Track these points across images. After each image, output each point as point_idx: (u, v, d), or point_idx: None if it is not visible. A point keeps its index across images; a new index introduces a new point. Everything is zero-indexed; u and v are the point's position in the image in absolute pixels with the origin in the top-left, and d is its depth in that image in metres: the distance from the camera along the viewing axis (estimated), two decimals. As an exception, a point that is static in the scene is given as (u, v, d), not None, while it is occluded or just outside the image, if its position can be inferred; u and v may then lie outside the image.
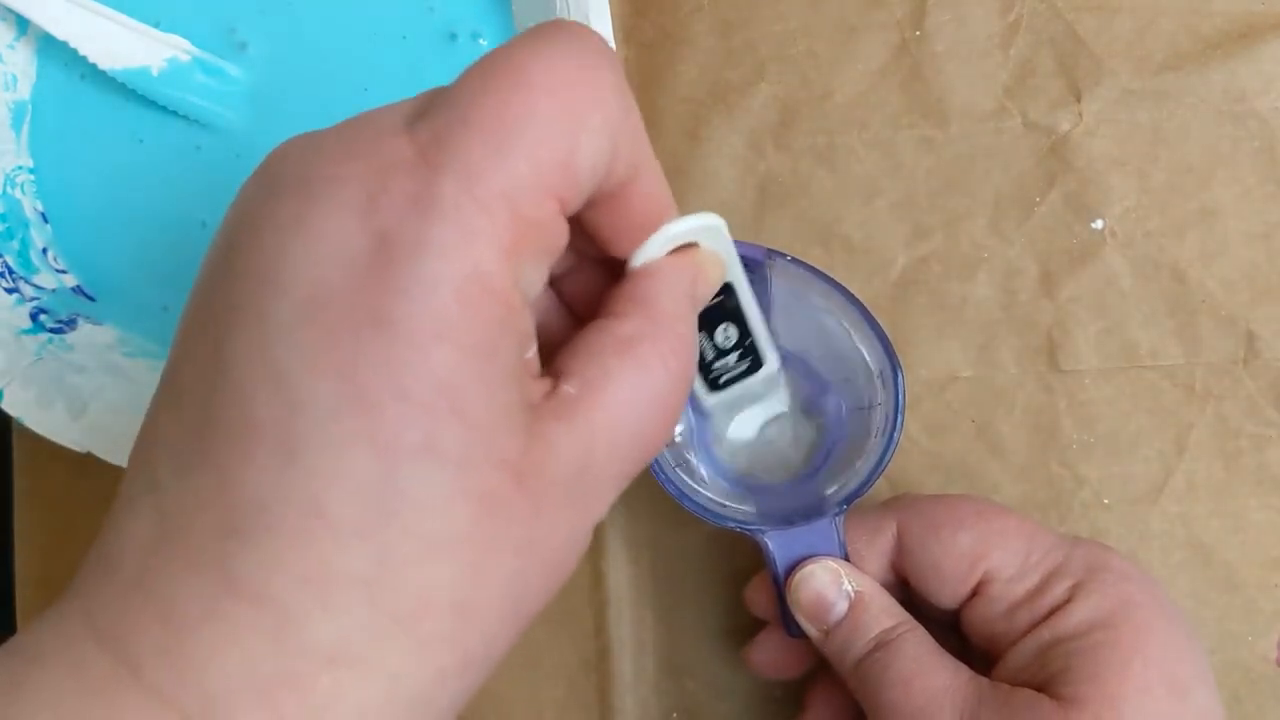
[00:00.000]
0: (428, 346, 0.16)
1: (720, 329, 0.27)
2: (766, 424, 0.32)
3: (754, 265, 0.29)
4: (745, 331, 0.27)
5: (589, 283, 0.22)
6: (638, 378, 0.19)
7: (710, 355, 0.27)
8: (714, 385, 0.28)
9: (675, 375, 0.19)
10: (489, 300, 0.16)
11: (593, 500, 0.18)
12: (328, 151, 0.17)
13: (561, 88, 0.17)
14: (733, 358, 0.28)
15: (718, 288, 0.23)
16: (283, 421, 0.15)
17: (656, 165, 0.20)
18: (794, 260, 0.28)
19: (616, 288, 0.20)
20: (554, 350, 0.19)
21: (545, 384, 0.18)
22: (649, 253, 0.21)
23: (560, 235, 0.18)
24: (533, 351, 0.18)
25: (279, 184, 0.17)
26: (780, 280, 0.30)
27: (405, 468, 0.15)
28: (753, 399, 0.31)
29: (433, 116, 0.17)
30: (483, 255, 0.16)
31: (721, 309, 0.26)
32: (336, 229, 0.16)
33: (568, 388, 0.18)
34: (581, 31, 0.18)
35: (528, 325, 0.18)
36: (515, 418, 0.17)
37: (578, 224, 0.19)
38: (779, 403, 0.31)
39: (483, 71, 0.17)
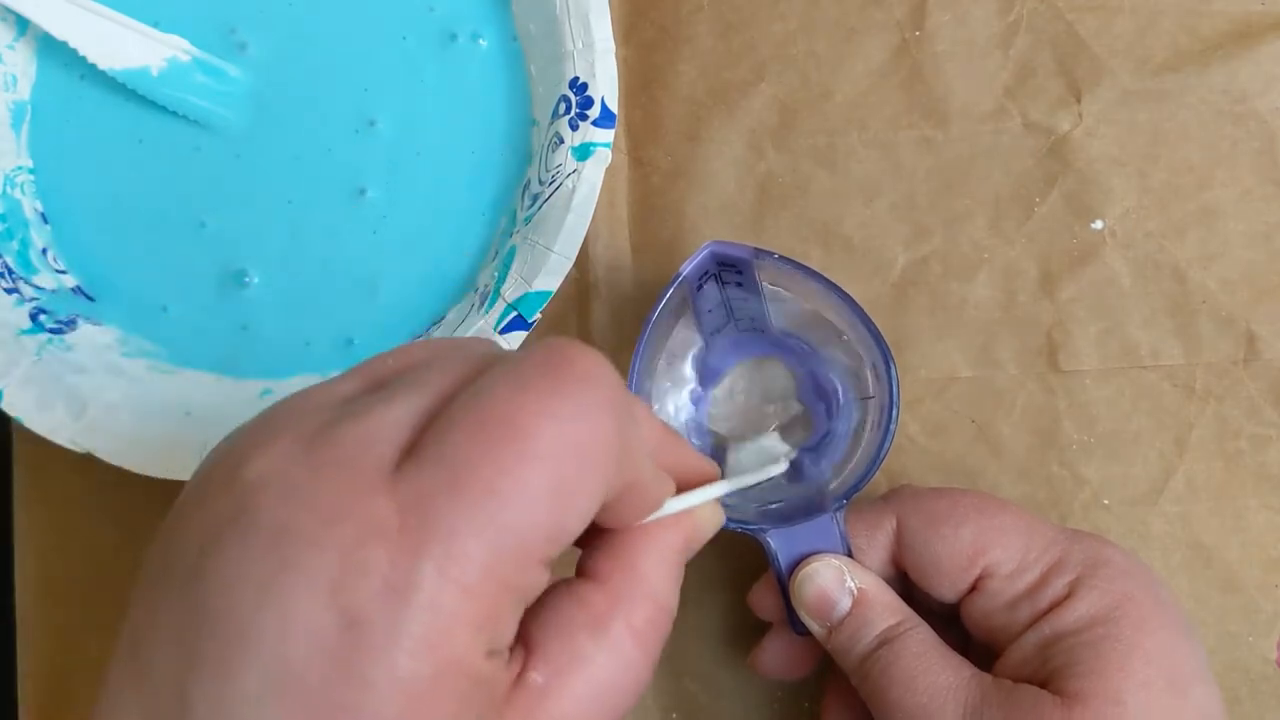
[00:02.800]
0: None
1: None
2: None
3: (742, 265, 0.29)
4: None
5: None
6: (609, 660, 0.19)
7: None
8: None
9: (648, 648, 0.19)
10: (459, 680, 0.16)
11: None
12: (307, 500, 0.16)
13: (564, 455, 0.17)
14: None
15: (715, 532, 0.23)
16: None
17: (649, 464, 0.20)
18: (781, 258, 0.28)
19: (601, 538, 0.20)
20: None
21: (513, 669, 0.18)
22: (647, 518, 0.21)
23: (542, 582, 0.18)
24: (504, 645, 0.18)
25: (252, 524, 0.16)
26: (769, 278, 0.30)
27: None
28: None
29: (422, 473, 0.16)
30: (457, 640, 0.16)
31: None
32: (308, 607, 0.15)
33: (535, 676, 0.18)
34: (591, 371, 0.17)
35: (495, 667, 0.17)
36: None
37: None
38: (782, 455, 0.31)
39: (481, 423, 0.17)
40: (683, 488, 0.22)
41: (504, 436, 0.16)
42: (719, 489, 0.23)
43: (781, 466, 0.30)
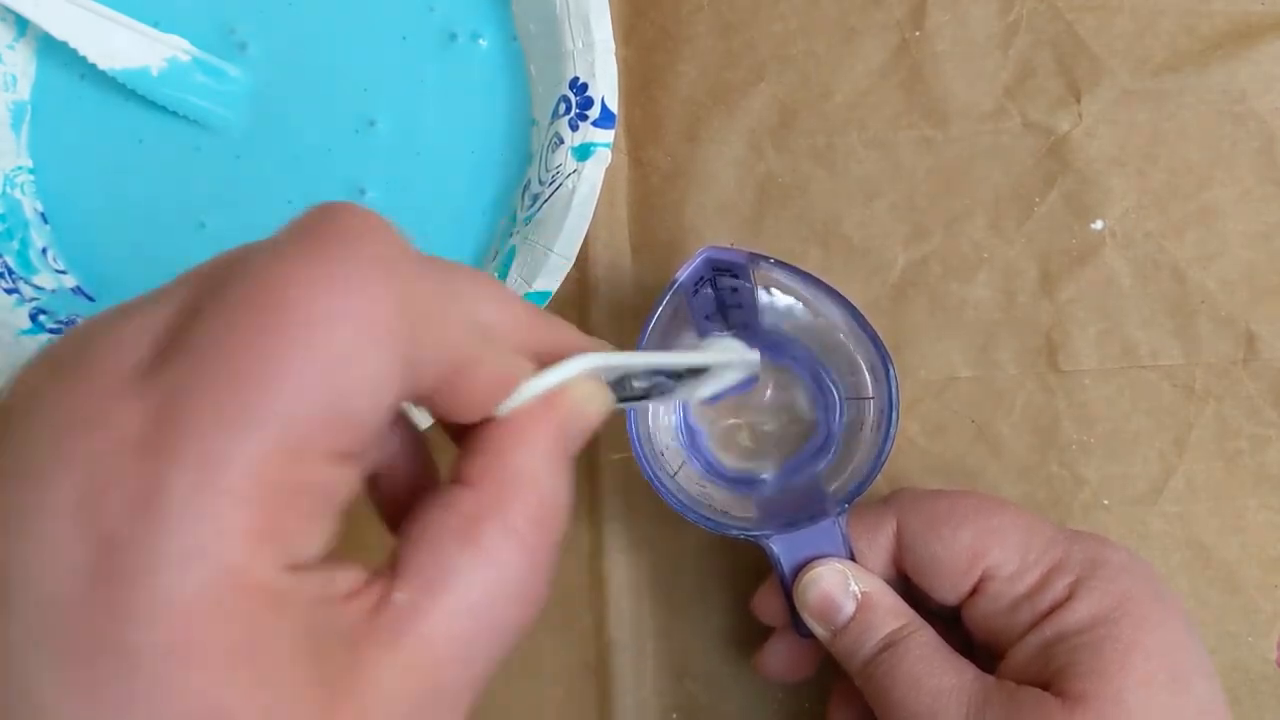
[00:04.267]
0: (175, 675, 0.13)
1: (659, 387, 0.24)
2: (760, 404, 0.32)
3: (737, 270, 0.29)
4: (678, 374, 0.24)
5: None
6: (486, 569, 0.16)
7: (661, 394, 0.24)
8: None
9: (532, 550, 0.17)
10: (248, 600, 0.14)
11: (449, 711, 0.16)
12: (53, 415, 0.14)
13: (325, 323, 0.14)
14: (682, 384, 0.25)
15: (601, 418, 0.20)
16: None
17: (479, 338, 0.17)
18: (777, 262, 0.28)
19: (466, 441, 0.18)
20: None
21: (371, 596, 0.16)
22: (508, 406, 0.18)
23: (345, 480, 0.16)
24: (345, 575, 0.16)
25: (5, 455, 0.14)
26: (766, 282, 0.30)
27: None
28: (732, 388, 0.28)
29: (168, 367, 0.14)
30: (229, 553, 0.14)
31: (649, 393, 0.23)
32: (59, 532, 0.14)
33: (399, 596, 0.16)
34: (356, 230, 0.15)
35: (313, 585, 0.15)
36: (316, 701, 0.14)
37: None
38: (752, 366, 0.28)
39: (228, 304, 0.14)
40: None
41: (254, 315, 0.14)
42: (588, 361, 0.19)
43: (701, 357, 0.25)
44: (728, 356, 0.26)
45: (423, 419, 0.25)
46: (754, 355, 0.27)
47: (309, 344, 0.14)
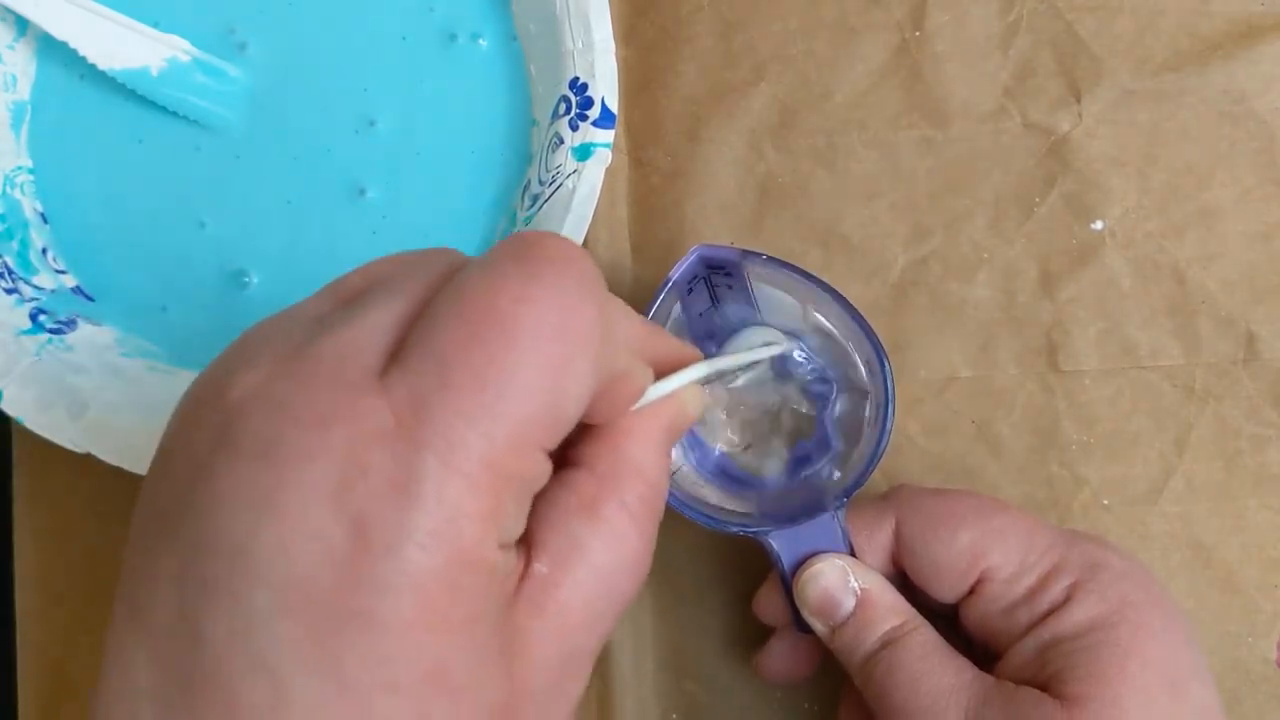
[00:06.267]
0: (413, 638, 0.15)
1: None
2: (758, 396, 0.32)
3: (730, 267, 0.29)
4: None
5: None
6: (607, 542, 0.19)
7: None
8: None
9: (643, 527, 0.19)
10: (473, 574, 0.16)
11: (580, 671, 0.19)
12: (296, 411, 0.16)
13: (549, 337, 0.17)
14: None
15: (699, 415, 0.24)
16: (272, 711, 0.15)
17: (629, 353, 0.20)
18: (770, 259, 0.29)
19: (589, 428, 0.20)
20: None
21: (519, 566, 0.18)
22: (635, 407, 0.21)
23: (545, 471, 0.18)
24: (513, 537, 0.18)
25: (241, 443, 0.16)
26: (760, 279, 0.30)
27: None
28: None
29: (410, 372, 0.16)
30: (466, 532, 0.16)
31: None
32: (311, 516, 0.15)
33: (539, 567, 0.18)
34: (564, 256, 0.17)
35: (508, 560, 0.17)
36: (500, 661, 0.17)
37: None
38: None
39: (464, 317, 0.16)
40: (664, 374, 0.22)
41: (487, 326, 0.16)
42: (698, 370, 0.23)
43: (769, 351, 0.30)
44: (776, 346, 0.30)
45: None
46: (786, 340, 0.31)
47: (535, 354, 0.16)
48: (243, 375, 0.17)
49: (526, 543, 0.18)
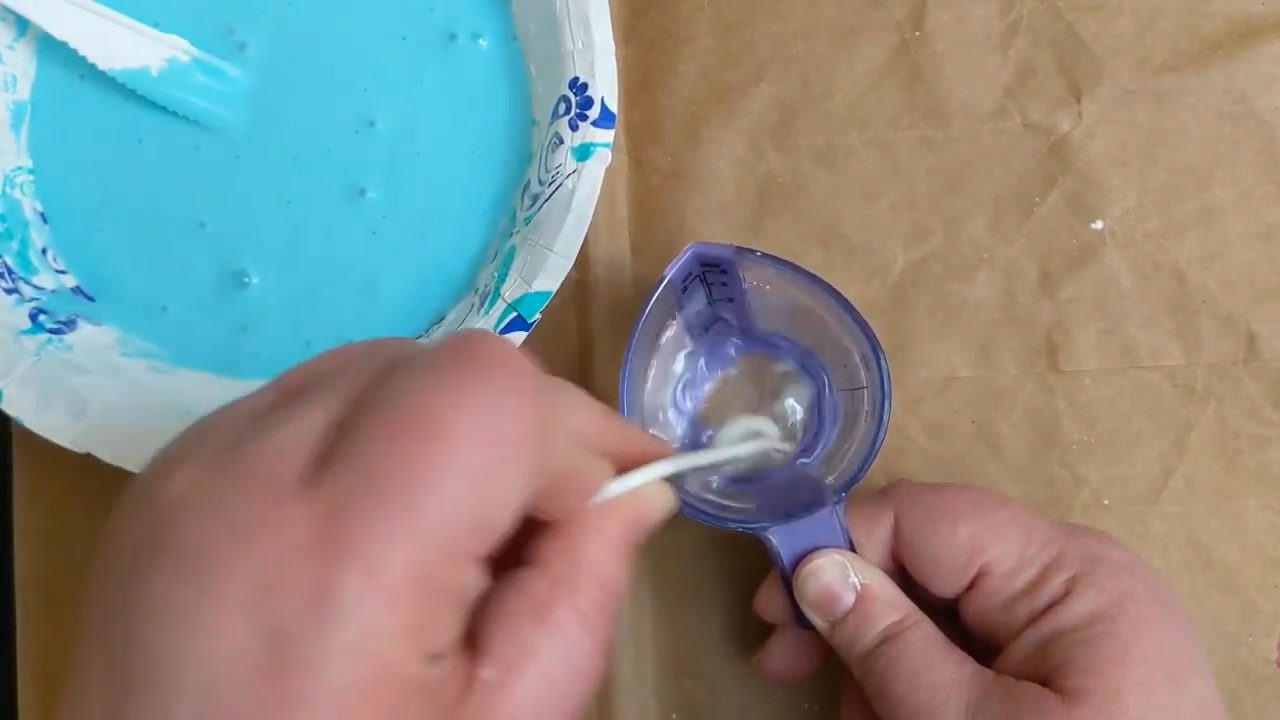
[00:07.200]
0: None
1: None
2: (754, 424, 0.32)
3: (725, 265, 0.29)
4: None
5: None
6: (558, 650, 0.18)
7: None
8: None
9: (596, 632, 0.19)
10: (394, 690, 0.16)
11: None
12: (222, 517, 0.16)
13: (478, 444, 0.16)
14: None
15: (665, 515, 0.23)
16: None
17: (578, 449, 0.19)
18: (764, 255, 0.29)
19: (544, 527, 0.20)
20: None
21: (461, 675, 0.17)
22: (590, 503, 0.20)
23: (477, 579, 0.17)
24: (450, 648, 0.17)
25: (168, 549, 0.16)
26: (753, 276, 0.30)
27: None
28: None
29: (333, 477, 0.16)
30: (388, 647, 0.15)
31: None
32: (230, 629, 0.15)
33: (486, 674, 0.17)
34: (500, 360, 0.17)
35: (440, 670, 0.17)
36: None
37: None
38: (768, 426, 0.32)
39: (392, 420, 0.16)
40: (629, 470, 0.22)
41: (416, 431, 0.16)
42: (662, 468, 0.22)
43: (752, 447, 0.30)
44: (765, 444, 0.30)
45: None
46: (785, 443, 0.31)
47: (463, 462, 0.16)
48: (178, 473, 0.17)
49: (474, 646, 0.18)
